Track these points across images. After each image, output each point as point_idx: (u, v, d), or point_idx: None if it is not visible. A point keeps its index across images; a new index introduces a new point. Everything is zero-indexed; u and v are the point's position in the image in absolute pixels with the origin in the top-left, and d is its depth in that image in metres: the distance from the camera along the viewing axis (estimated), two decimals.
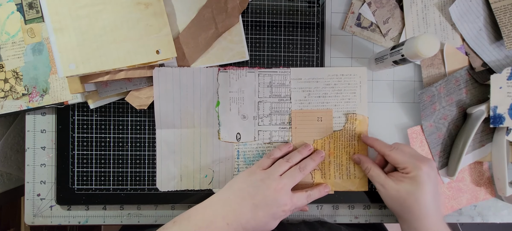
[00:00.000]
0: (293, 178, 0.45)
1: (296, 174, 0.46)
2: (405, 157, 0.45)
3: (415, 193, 0.44)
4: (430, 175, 0.44)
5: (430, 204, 0.44)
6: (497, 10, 0.49)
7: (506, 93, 0.48)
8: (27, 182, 0.51)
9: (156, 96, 0.48)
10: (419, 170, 0.44)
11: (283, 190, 0.44)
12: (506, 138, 0.49)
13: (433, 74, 0.52)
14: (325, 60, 0.52)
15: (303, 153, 0.49)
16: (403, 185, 0.45)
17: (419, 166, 0.44)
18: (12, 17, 0.47)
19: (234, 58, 0.50)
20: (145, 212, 0.52)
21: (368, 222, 0.54)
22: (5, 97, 0.48)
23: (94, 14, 0.44)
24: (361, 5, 0.51)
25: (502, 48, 0.51)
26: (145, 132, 0.50)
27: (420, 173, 0.44)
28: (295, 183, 0.45)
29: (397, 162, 0.46)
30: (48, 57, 0.48)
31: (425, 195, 0.43)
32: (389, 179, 0.46)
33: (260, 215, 0.43)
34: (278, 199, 0.43)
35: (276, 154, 0.48)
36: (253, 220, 0.42)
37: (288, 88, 0.51)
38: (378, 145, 0.48)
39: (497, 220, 0.55)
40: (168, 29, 0.46)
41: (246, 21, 0.50)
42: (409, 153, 0.46)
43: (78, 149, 0.50)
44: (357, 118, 0.51)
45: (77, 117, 0.50)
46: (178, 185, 0.50)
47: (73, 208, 0.51)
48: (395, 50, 0.44)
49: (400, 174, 0.46)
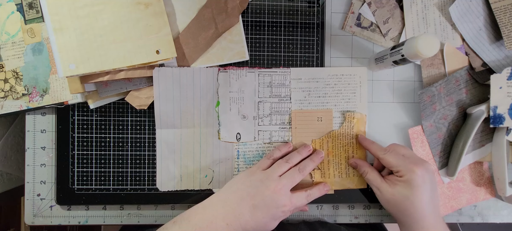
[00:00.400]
0: (292, 179, 0.45)
1: (295, 175, 0.46)
2: (398, 160, 0.45)
3: (410, 196, 0.43)
4: (424, 177, 0.44)
5: (426, 206, 0.44)
6: (497, 10, 0.49)
7: (506, 93, 0.48)
8: (27, 182, 0.51)
9: (156, 96, 0.48)
10: (413, 173, 0.43)
11: (282, 190, 0.44)
12: (506, 138, 0.49)
13: (433, 74, 0.52)
14: (325, 60, 0.52)
15: (302, 154, 0.49)
16: (397, 188, 0.44)
17: (412, 169, 0.44)
18: (12, 17, 0.47)
19: (234, 58, 0.50)
20: (145, 212, 0.52)
21: (368, 222, 0.54)
22: (5, 97, 0.48)
23: (94, 14, 0.44)
24: (361, 5, 0.51)
25: (502, 48, 0.51)
26: (145, 132, 0.50)
27: (414, 176, 0.43)
28: (294, 184, 0.45)
29: (391, 166, 0.46)
30: (48, 57, 0.48)
31: (420, 198, 0.43)
32: (384, 183, 0.46)
33: (259, 215, 0.43)
34: (277, 200, 0.43)
35: (276, 155, 0.48)
36: (252, 221, 0.42)
37: (288, 88, 0.51)
38: (373, 148, 0.48)
39: (497, 220, 0.55)
40: (168, 29, 0.46)
41: (246, 21, 0.50)
42: (403, 156, 0.45)
43: (78, 149, 0.50)
44: (355, 116, 0.51)
45: (77, 117, 0.50)
46: (178, 185, 0.50)
47: (73, 208, 0.51)
48: (395, 50, 0.44)
49: (395, 177, 0.46)
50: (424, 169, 0.44)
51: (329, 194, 0.52)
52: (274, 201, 0.43)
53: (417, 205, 0.43)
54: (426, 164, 0.45)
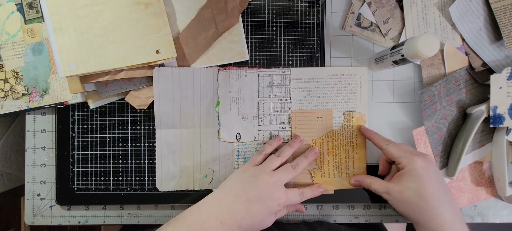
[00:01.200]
0: (286, 174, 0.45)
1: (289, 170, 0.46)
2: (400, 151, 0.45)
3: (418, 189, 0.43)
4: (427, 168, 0.44)
5: (437, 197, 0.42)
6: (497, 10, 0.49)
7: (506, 93, 0.48)
8: (27, 182, 0.51)
9: (156, 96, 0.48)
10: (414, 163, 0.44)
11: (276, 184, 0.44)
12: (506, 138, 0.49)
13: (433, 74, 0.52)
14: (325, 60, 0.52)
15: (293, 146, 0.49)
16: (403, 182, 0.44)
17: (413, 159, 0.44)
18: (12, 17, 0.47)
19: (234, 58, 0.50)
20: (145, 212, 0.52)
21: (368, 222, 0.54)
22: (5, 97, 0.48)
23: (94, 14, 0.44)
24: (361, 5, 0.51)
25: (502, 48, 0.51)
26: (145, 132, 0.50)
27: (415, 166, 0.43)
28: (288, 179, 0.45)
29: (393, 156, 0.46)
30: (48, 57, 0.48)
31: (428, 188, 0.43)
32: (390, 183, 0.46)
33: (254, 210, 0.42)
34: (272, 193, 0.43)
35: (267, 150, 0.48)
36: (248, 216, 0.42)
37: (288, 88, 0.51)
38: (376, 139, 0.48)
39: (497, 220, 0.55)
40: (168, 29, 0.46)
41: (246, 21, 0.50)
42: (405, 149, 0.46)
43: (78, 149, 0.50)
44: (354, 115, 0.51)
45: (77, 116, 0.50)
46: (178, 185, 0.50)
47: (73, 208, 0.51)
48: (395, 50, 0.44)
49: (399, 173, 0.45)
50: (424, 160, 0.44)
51: (329, 194, 0.52)
52: (270, 194, 0.43)
53: (427, 197, 0.42)
54: (426, 155, 0.45)
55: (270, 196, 0.43)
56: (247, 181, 0.44)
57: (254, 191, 0.43)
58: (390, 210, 0.54)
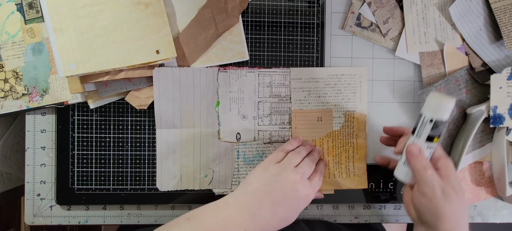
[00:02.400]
0: (309, 167, 0.45)
1: (310, 164, 0.45)
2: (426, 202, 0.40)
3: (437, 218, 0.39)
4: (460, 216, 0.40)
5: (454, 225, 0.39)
6: (497, 10, 0.49)
7: (506, 93, 0.48)
8: (27, 182, 0.51)
9: (156, 96, 0.48)
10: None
11: (302, 180, 0.43)
12: (506, 138, 0.49)
13: (433, 74, 0.52)
14: (325, 60, 0.52)
15: (307, 148, 0.48)
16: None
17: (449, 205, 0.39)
18: (12, 17, 0.47)
19: (234, 58, 0.50)
20: (145, 212, 0.52)
21: (368, 222, 0.54)
22: (5, 97, 0.48)
23: (94, 14, 0.44)
24: (361, 5, 0.51)
25: (502, 48, 0.51)
26: (145, 132, 0.50)
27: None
28: (310, 173, 0.45)
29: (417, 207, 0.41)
30: (48, 57, 0.48)
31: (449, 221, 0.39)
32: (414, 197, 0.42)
33: (281, 212, 0.41)
34: (299, 190, 0.42)
35: (288, 147, 0.47)
36: (273, 219, 0.41)
37: (288, 88, 0.51)
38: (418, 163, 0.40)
39: (497, 220, 0.55)
40: (168, 29, 0.46)
41: (246, 21, 0.50)
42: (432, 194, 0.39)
43: (78, 149, 0.50)
44: (354, 116, 0.51)
45: (77, 116, 0.50)
46: (178, 185, 0.50)
47: (73, 208, 0.51)
48: (421, 124, 0.40)
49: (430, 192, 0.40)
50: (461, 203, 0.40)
51: (329, 194, 0.52)
52: (296, 191, 0.42)
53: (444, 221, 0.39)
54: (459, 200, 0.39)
55: (298, 194, 0.42)
56: (270, 181, 0.42)
57: (278, 192, 0.41)
58: (390, 210, 0.54)
